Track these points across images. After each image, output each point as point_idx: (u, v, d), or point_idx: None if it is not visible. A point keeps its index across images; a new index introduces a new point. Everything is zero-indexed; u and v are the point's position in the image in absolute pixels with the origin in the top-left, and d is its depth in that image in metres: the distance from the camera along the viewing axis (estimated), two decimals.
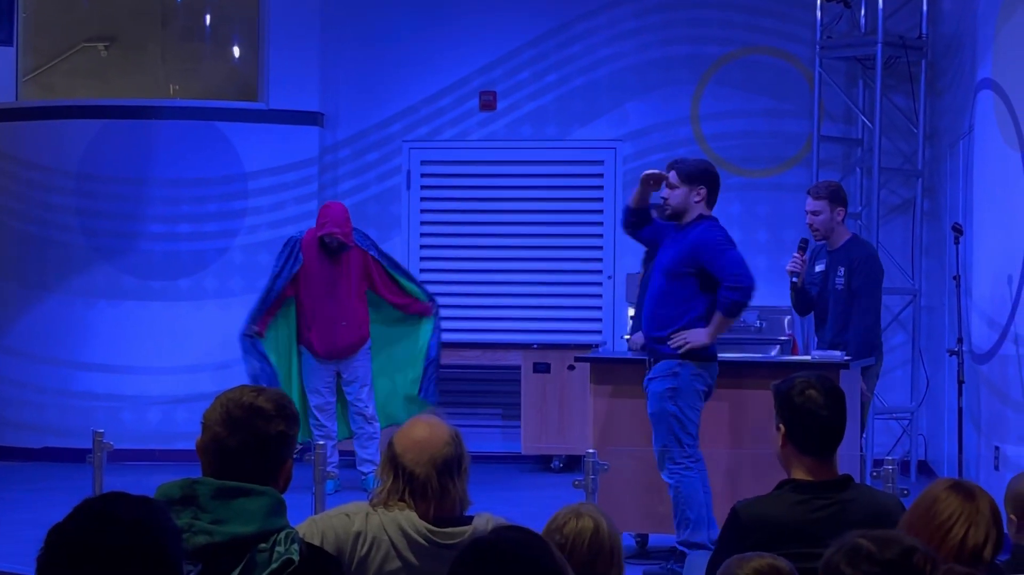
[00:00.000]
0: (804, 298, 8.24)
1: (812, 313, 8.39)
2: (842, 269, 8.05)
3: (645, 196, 7.44)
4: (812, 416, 4.13)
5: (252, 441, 3.24)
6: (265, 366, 9.44)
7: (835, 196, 8.17)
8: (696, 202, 7.28)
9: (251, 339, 9.53)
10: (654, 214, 7.60)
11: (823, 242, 8.24)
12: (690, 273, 7.19)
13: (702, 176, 7.32)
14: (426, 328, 9.86)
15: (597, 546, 3.58)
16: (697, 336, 7.15)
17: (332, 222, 9.57)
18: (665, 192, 7.34)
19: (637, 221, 7.52)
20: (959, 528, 3.37)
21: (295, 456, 3.39)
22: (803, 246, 8.14)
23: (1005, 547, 4.19)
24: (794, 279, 8.10)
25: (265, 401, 3.29)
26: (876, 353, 8.11)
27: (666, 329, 7.21)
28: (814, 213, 8.15)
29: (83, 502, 2.45)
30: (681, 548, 7.20)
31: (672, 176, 7.31)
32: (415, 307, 9.88)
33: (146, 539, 2.37)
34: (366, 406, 9.76)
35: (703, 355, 7.21)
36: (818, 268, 8.22)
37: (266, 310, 9.59)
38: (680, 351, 7.16)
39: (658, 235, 7.48)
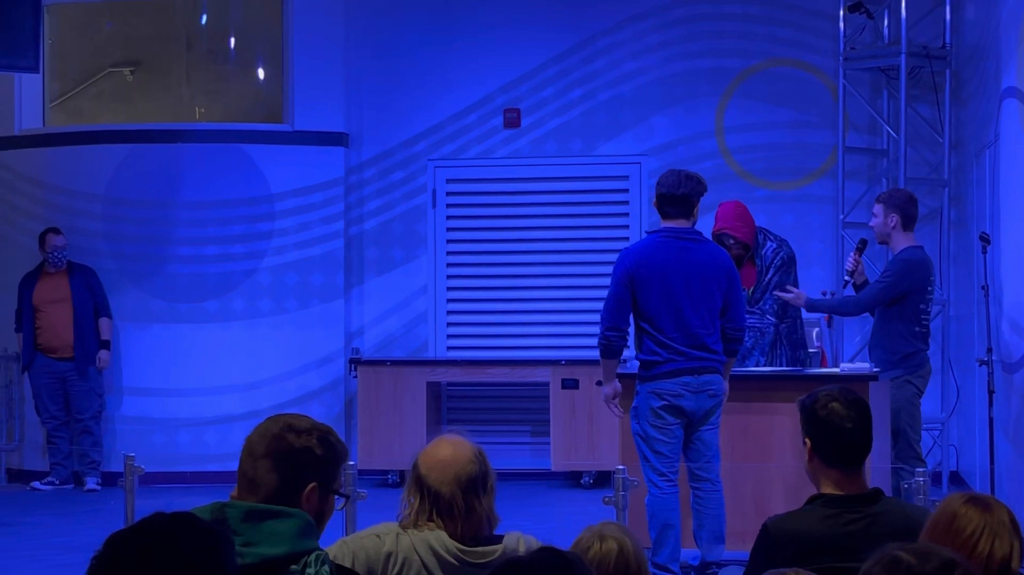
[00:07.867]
0: None
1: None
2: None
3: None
4: (836, 429, 4.12)
5: (278, 453, 3.23)
6: None
7: (891, 201, 8.20)
8: None
9: None
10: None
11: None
12: None
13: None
14: None
15: (623, 567, 3.58)
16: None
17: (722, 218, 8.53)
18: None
19: None
20: (984, 542, 3.34)
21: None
22: (860, 247, 8.28)
23: None
24: (847, 278, 8.26)
25: (304, 420, 3.28)
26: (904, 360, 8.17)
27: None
28: (874, 215, 8.28)
29: (151, 516, 2.42)
30: (653, 571, 6.96)
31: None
32: None
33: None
34: None
35: (647, 374, 7.19)
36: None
37: None
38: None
39: None
